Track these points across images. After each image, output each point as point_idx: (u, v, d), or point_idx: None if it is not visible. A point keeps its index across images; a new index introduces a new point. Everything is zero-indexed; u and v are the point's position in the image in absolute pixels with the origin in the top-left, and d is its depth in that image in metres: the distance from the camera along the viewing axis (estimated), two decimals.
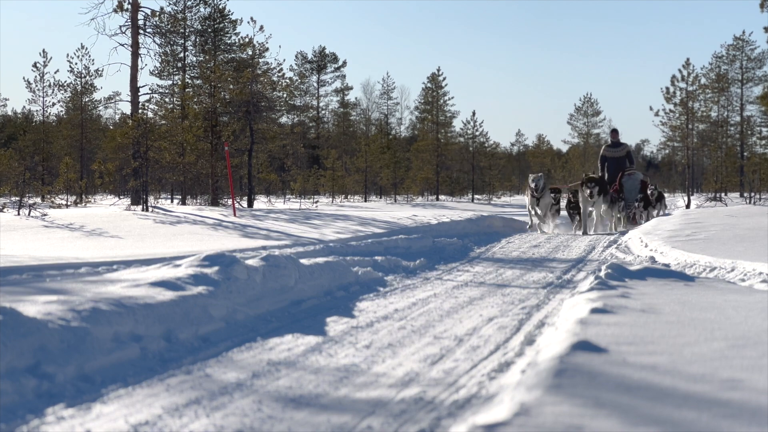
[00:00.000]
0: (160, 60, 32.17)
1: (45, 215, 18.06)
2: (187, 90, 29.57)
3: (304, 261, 8.18)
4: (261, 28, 31.83)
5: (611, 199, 18.33)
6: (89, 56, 48.04)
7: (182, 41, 31.27)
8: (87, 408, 3.82)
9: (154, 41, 28.28)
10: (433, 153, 49.44)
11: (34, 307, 5.07)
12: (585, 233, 17.05)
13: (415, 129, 60.12)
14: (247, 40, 29.15)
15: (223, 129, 26.53)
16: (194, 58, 32.05)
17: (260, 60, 28.46)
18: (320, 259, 8.60)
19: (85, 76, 47.65)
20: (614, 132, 21.00)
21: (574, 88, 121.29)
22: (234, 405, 3.93)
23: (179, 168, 25.82)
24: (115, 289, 6.03)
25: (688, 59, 39.43)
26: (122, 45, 27.86)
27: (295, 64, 62.73)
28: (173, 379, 4.37)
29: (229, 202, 24.52)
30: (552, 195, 18.34)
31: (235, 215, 19.17)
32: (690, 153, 40.32)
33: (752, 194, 34.41)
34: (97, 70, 47.62)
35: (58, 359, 4.39)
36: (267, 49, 28.44)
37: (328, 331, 6.00)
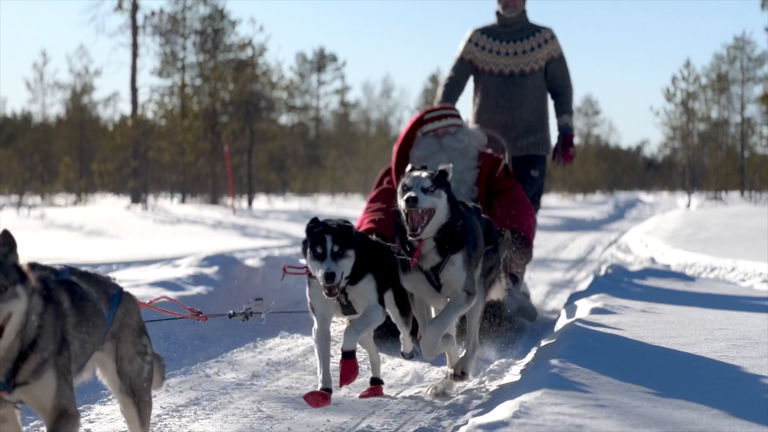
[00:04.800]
0: (159, 60, 32.21)
1: (44, 215, 18.05)
2: (186, 90, 29.60)
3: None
4: (261, 28, 31.90)
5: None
6: (89, 56, 48.01)
7: (182, 41, 31.26)
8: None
9: (154, 41, 28.30)
10: None
11: None
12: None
13: None
14: (247, 40, 29.16)
15: (223, 129, 26.53)
16: (194, 58, 32.05)
17: (260, 60, 28.47)
18: None
19: (84, 76, 47.61)
20: None
21: (574, 88, 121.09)
22: (234, 405, 3.92)
23: (179, 168, 25.83)
24: None
25: (688, 60, 39.46)
26: (122, 45, 27.92)
27: (295, 63, 62.64)
28: (173, 379, 4.36)
29: (229, 201, 24.54)
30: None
31: (234, 215, 19.18)
32: (690, 153, 40.29)
33: (752, 193, 34.40)
34: (96, 70, 47.57)
35: None
36: (266, 49, 28.45)
37: None
